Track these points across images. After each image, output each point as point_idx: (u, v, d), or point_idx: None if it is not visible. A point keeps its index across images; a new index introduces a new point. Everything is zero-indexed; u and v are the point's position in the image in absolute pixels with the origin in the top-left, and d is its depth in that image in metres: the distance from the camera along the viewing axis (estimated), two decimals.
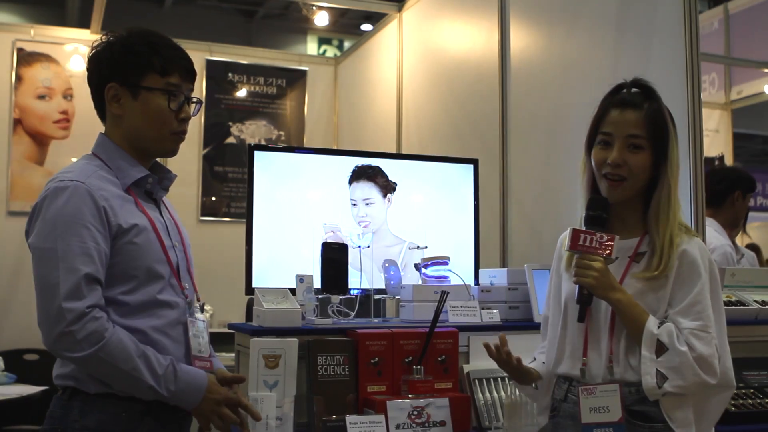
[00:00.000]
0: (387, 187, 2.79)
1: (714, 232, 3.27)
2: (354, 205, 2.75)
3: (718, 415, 1.83)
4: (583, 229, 1.83)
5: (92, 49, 1.88)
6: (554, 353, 1.93)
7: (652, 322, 1.75)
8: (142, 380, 1.69)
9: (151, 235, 1.80)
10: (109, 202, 1.75)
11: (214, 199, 5.39)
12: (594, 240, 1.81)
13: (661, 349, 1.73)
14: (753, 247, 4.63)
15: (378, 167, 2.79)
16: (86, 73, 1.90)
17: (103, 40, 1.87)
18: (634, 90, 1.89)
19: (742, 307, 2.55)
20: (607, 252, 1.79)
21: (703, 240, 2.24)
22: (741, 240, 4.40)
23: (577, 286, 1.81)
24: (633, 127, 1.84)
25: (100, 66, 1.85)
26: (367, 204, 2.75)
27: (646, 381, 1.73)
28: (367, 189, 2.76)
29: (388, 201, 2.78)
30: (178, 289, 1.85)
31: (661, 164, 1.83)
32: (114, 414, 1.72)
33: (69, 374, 1.74)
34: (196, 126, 5.19)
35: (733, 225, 3.47)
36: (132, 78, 1.83)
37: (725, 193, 3.42)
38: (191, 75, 1.90)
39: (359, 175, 2.76)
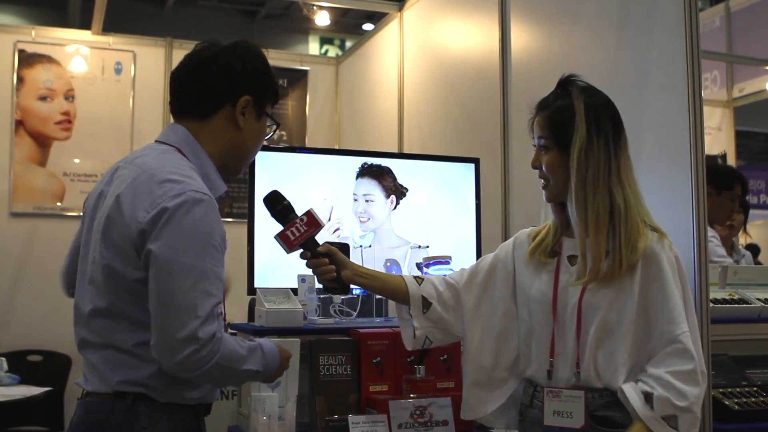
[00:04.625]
0: (392, 189, 2.78)
1: None
2: (355, 200, 2.75)
3: None
4: (282, 227, 1.88)
5: (216, 51, 1.76)
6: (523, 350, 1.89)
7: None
8: (252, 370, 1.69)
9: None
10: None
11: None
12: (300, 227, 1.87)
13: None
14: (751, 247, 4.56)
15: (388, 168, 2.78)
16: (194, 69, 1.77)
17: (241, 46, 1.78)
18: (557, 91, 1.86)
19: (744, 305, 2.54)
20: (316, 225, 1.87)
21: (705, 240, 2.22)
22: (743, 240, 4.36)
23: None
24: (540, 128, 1.84)
25: (234, 74, 1.76)
26: (367, 201, 2.75)
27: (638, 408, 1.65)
28: (369, 186, 2.76)
29: (392, 202, 2.78)
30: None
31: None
32: (178, 421, 1.70)
33: (140, 381, 1.66)
34: None
35: (718, 222, 3.30)
36: (264, 100, 1.80)
37: None
38: None
39: (365, 172, 2.77)
